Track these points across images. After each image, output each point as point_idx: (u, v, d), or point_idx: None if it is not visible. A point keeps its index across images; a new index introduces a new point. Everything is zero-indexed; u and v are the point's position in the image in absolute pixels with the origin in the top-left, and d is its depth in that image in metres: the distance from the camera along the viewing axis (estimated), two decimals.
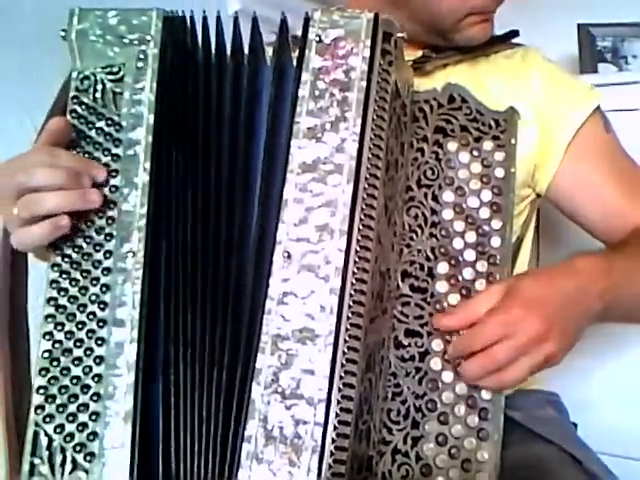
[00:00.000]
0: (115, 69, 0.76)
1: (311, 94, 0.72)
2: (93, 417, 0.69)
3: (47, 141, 0.73)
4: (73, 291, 0.72)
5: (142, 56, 0.76)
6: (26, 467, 0.68)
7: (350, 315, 0.68)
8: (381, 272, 0.73)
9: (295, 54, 0.75)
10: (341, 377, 0.67)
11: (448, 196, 0.79)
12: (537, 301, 0.73)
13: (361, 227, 0.69)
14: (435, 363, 0.75)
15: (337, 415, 0.66)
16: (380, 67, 0.73)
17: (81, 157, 0.74)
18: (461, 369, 0.73)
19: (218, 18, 0.78)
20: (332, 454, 0.65)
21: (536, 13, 1.55)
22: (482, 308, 0.74)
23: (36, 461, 0.68)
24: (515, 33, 1.03)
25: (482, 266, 0.78)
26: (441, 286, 0.77)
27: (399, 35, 0.75)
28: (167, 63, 0.76)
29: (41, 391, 0.70)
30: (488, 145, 0.80)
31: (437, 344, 0.75)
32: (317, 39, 0.73)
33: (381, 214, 0.72)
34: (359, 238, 0.69)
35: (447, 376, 0.75)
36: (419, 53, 0.99)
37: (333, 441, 0.65)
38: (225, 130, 0.76)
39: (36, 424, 0.69)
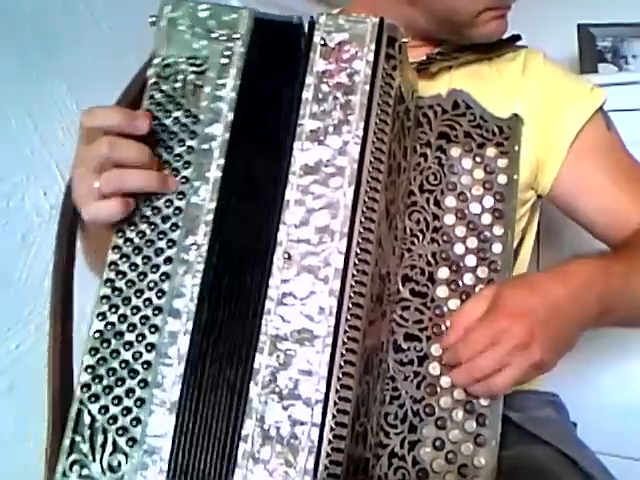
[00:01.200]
0: (199, 61, 0.76)
1: (315, 97, 0.73)
2: (138, 403, 0.69)
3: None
4: (132, 275, 0.72)
5: (228, 53, 0.76)
6: (67, 442, 0.68)
7: (349, 317, 0.68)
8: (381, 275, 0.73)
9: None
10: (339, 378, 0.67)
11: (450, 201, 0.79)
12: (523, 310, 0.73)
13: (362, 230, 0.70)
14: (434, 368, 0.75)
15: (334, 416, 0.66)
16: (384, 71, 0.73)
17: None
18: (450, 377, 0.74)
19: (312, 23, 0.76)
20: (328, 455, 0.65)
21: (536, 13, 1.55)
22: (471, 317, 0.75)
23: (77, 438, 0.68)
24: (517, 37, 1.04)
25: (483, 272, 0.78)
26: (441, 291, 0.77)
27: (404, 40, 0.75)
28: (253, 63, 0.76)
29: (89, 370, 0.70)
30: (491, 152, 0.81)
31: (436, 349, 0.76)
32: (322, 42, 0.74)
33: (382, 217, 0.72)
34: (359, 240, 0.69)
35: (445, 381, 0.75)
36: (433, 50, 1.00)
37: (329, 442, 0.65)
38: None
39: (81, 402, 0.69)
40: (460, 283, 0.77)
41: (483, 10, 0.95)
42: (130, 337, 0.71)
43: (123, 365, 0.70)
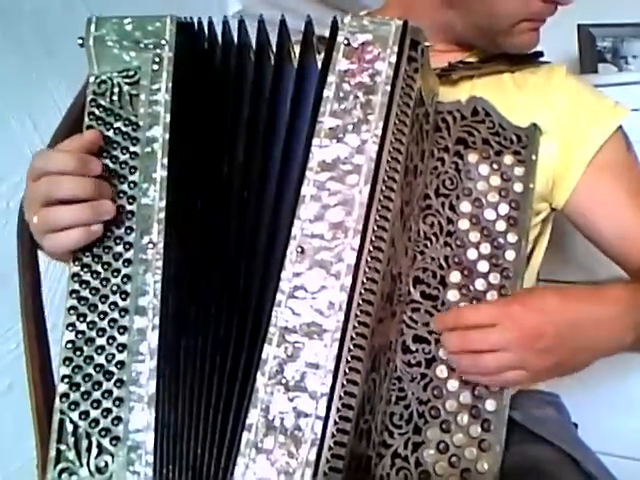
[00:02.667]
0: (131, 73, 0.80)
1: (335, 95, 0.73)
2: (117, 403, 0.71)
3: (80, 148, 0.75)
4: (95, 283, 0.75)
5: (157, 59, 0.79)
6: (52, 453, 0.70)
7: (358, 313, 0.68)
8: (392, 275, 0.74)
9: (320, 56, 0.76)
10: (345, 373, 0.67)
11: (465, 207, 0.80)
12: (542, 307, 0.73)
13: (375, 228, 0.70)
14: (441, 371, 0.75)
15: (339, 410, 0.66)
16: (405, 73, 0.74)
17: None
18: (443, 338, 0.74)
19: (335, 23, 0.78)
20: (331, 448, 0.65)
21: None
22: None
23: (62, 447, 0.70)
24: (540, 54, 1.04)
25: (495, 278, 0.78)
26: (452, 295, 0.77)
27: (426, 44, 0.76)
28: (182, 65, 0.79)
29: (65, 380, 0.72)
30: (508, 159, 0.81)
31: (444, 352, 0.76)
32: (345, 42, 0.74)
33: (396, 217, 0.73)
34: (373, 238, 0.70)
35: (452, 385, 0.75)
36: (459, 57, 1.01)
37: (333, 436, 0.66)
38: (242, 127, 0.78)
39: (61, 412, 0.71)
40: (471, 288, 0.78)
41: (521, 20, 0.95)
42: (101, 341, 0.73)
43: (98, 369, 0.72)
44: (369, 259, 0.69)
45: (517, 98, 0.96)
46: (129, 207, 0.76)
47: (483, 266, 0.78)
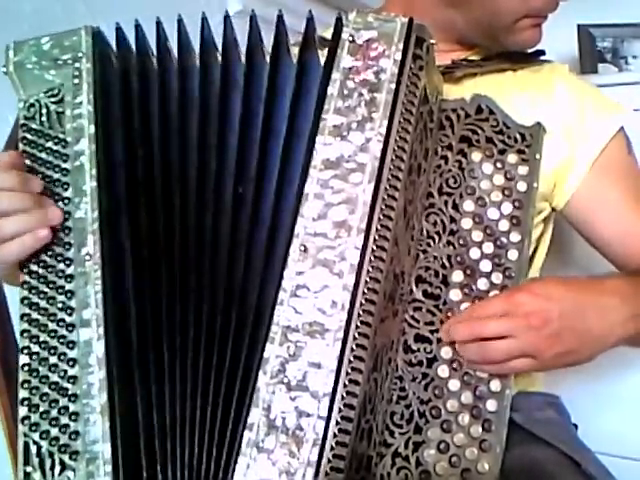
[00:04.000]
0: (55, 91, 0.80)
1: (340, 93, 0.73)
2: (73, 417, 0.71)
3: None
4: (43, 303, 0.75)
5: (77, 73, 0.80)
6: (21, 475, 0.71)
7: (361, 312, 0.68)
8: (395, 274, 0.73)
9: (322, 52, 0.76)
10: (347, 373, 0.67)
11: (468, 205, 0.79)
12: (548, 295, 0.74)
13: (379, 227, 0.70)
14: (442, 370, 0.75)
15: (340, 410, 0.66)
16: (410, 71, 0.73)
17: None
18: (449, 328, 0.75)
19: (340, 20, 0.77)
20: (332, 448, 0.65)
21: None
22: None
23: (28, 469, 0.71)
24: (542, 52, 1.04)
25: (497, 278, 0.77)
26: (454, 294, 0.77)
27: (431, 41, 0.75)
28: (102, 74, 0.80)
29: (25, 402, 0.73)
30: (512, 158, 0.81)
31: (446, 352, 0.75)
32: (350, 39, 0.74)
33: (400, 216, 0.72)
34: (376, 237, 0.69)
35: (453, 385, 0.75)
36: (462, 55, 1.00)
37: (334, 436, 0.65)
38: (173, 126, 0.79)
39: (25, 435, 0.72)
40: (474, 287, 0.77)
41: (522, 17, 0.95)
42: (54, 359, 0.74)
43: (53, 387, 0.73)
44: (372, 258, 0.69)
45: (519, 96, 0.95)
46: (66, 223, 0.76)
47: (486, 265, 0.78)
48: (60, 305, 0.75)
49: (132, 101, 0.80)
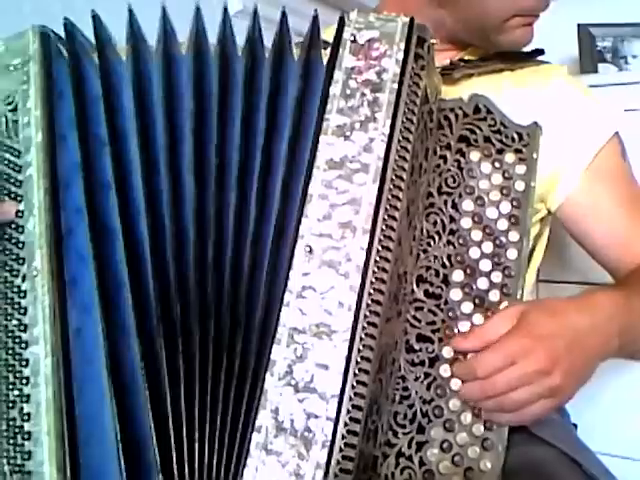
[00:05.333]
0: (10, 99, 0.77)
1: (342, 93, 0.72)
2: (26, 436, 0.70)
3: None
4: (1, 319, 0.74)
5: (25, 78, 0.77)
6: None
7: (368, 313, 0.68)
8: (399, 274, 0.73)
9: (325, 51, 0.76)
10: (355, 374, 0.66)
11: (468, 205, 0.80)
12: (548, 334, 0.73)
13: (384, 227, 0.69)
14: (444, 370, 0.75)
15: (349, 412, 0.66)
16: (412, 71, 0.73)
17: None
18: (461, 390, 0.74)
19: (342, 19, 0.77)
20: (341, 450, 0.65)
21: None
22: (496, 332, 0.74)
23: None
24: (540, 52, 1.04)
25: (497, 277, 0.78)
26: (455, 294, 0.77)
27: (432, 41, 0.75)
28: (49, 76, 0.77)
29: None
30: (510, 158, 0.81)
31: (447, 351, 0.76)
32: (352, 39, 0.74)
33: (403, 216, 0.72)
34: (381, 238, 0.69)
35: (455, 384, 0.75)
36: (456, 57, 1.00)
37: (343, 437, 0.65)
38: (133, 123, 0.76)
39: None
40: (474, 287, 0.78)
41: (512, 16, 0.95)
42: (12, 378, 0.72)
43: (11, 405, 0.71)
44: (378, 259, 0.69)
45: (517, 97, 0.95)
46: (20, 237, 0.74)
47: (485, 265, 0.78)
48: (15, 322, 0.73)
49: (91, 100, 0.76)
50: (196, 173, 0.74)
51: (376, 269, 0.69)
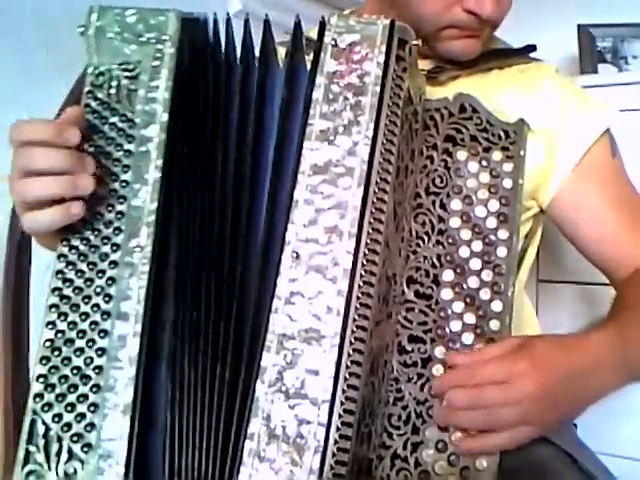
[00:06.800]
0: (131, 66, 0.77)
1: (325, 97, 0.73)
2: (92, 408, 0.69)
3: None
4: (78, 282, 0.72)
5: (158, 55, 0.77)
6: (21, 454, 0.68)
7: (356, 317, 0.68)
8: (388, 276, 0.73)
9: (309, 57, 0.76)
10: (345, 379, 0.67)
11: (456, 204, 0.80)
12: (545, 363, 0.73)
13: (370, 230, 0.70)
14: (437, 370, 0.75)
15: (340, 416, 0.66)
16: (394, 73, 0.73)
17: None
18: (447, 396, 0.73)
19: (228, 20, 0.79)
20: (334, 455, 0.65)
21: (536, 13, 1.56)
22: (492, 353, 0.74)
23: (31, 449, 0.68)
24: (532, 48, 1.03)
25: (487, 275, 0.78)
26: (446, 294, 0.77)
27: (414, 43, 0.75)
28: (183, 63, 0.77)
29: (41, 379, 0.70)
30: (497, 156, 0.81)
31: (440, 351, 0.76)
32: (333, 43, 0.74)
33: (390, 219, 0.72)
34: (368, 241, 0.69)
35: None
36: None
37: (335, 442, 0.65)
38: (232, 130, 0.76)
39: (34, 412, 0.69)
40: (464, 286, 0.78)
41: (446, 26, 0.92)
42: (81, 343, 0.71)
43: (75, 372, 0.70)
44: (365, 262, 0.69)
45: (505, 96, 0.94)
46: (119, 207, 0.74)
47: (475, 264, 0.78)
48: (97, 290, 0.72)
49: (209, 98, 0.77)
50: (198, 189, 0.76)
51: (364, 272, 0.69)
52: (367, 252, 0.69)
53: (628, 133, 1.01)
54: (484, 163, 0.81)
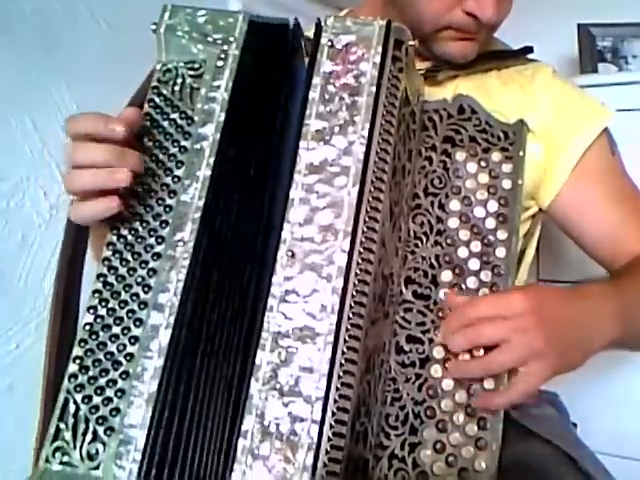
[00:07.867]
0: (196, 65, 0.80)
1: (321, 97, 0.73)
2: (119, 394, 0.70)
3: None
4: (122, 271, 0.74)
5: (223, 56, 0.79)
6: (52, 430, 0.70)
7: (351, 315, 0.68)
8: (384, 275, 0.73)
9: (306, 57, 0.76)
10: (339, 376, 0.67)
11: (454, 205, 0.80)
12: (544, 301, 0.74)
13: (365, 229, 0.70)
14: (435, 370, 0.75)
15: (334, 414, 0.66)
16: (390, 73, 0.74)
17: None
18: (447, 340, 0.74)
19: (296, 25, 0.80)
20: (327, 452, 0.65)
21: (536, 13, 1.55)
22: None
23: (62, 426, 0.70)
24: (529, 49, 1.03)
25: (486, 276, 0.78)
26: (444, 294, 0.77)
27: (410, 43, 0.76)
28: (246, 65, 0.79)
29: (77, 361, 0.72)
30: (496, 156, 0.81)
31: (438, 351, 0.75)
32: (329, 44, 0.74)
33: (386, 218, 0.73)
34: (363, 240, 0.70)
35: (447, 384, 0.75)
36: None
37: (329, 439, 0.65)
38: (290, 139, 0.76)
39: (68, 391, 0.71)
40: (463, 286, 0.77)
41: (445, 27, 0.92)
42: (116, 330, 0.73)
43: (108, 357, 0.72)
44: (360, 261, 0.69)
45: (503, 97, 0.95)
46: (169, 201, 0.76)
47: (474, 264, 0.78)
48: (139, 279, 0.74)
49: (273, 99, 0.78)
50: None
51: (359, 271, 0.69)
52: (362, 251, 0.69)
53: (628, 133, 1.00)
54: (483, 164, 0.81)
